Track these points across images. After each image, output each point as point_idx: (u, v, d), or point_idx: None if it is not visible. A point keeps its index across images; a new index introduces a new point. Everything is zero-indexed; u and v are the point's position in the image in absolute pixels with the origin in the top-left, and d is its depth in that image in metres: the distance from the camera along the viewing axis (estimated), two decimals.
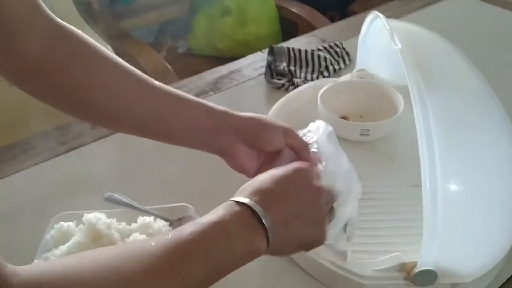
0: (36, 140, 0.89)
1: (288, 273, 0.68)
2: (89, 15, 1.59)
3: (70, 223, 0.68)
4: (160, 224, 0.70)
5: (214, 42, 1.87)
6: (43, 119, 0.95)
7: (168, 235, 0.44)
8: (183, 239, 0.43)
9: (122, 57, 1.33)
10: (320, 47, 1.15)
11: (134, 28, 1.80)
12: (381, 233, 0.71)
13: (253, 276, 0.67)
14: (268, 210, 0.47)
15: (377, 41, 0.94)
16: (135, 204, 0.73)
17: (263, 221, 0.46)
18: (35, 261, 0.64)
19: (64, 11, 1.46)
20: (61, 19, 0.55)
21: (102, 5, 1.73)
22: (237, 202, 0.47)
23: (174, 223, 0.72)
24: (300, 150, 0.59)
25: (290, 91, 0.99)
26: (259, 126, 0.60)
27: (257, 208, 0.46)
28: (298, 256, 0.68)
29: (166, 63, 1.57)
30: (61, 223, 0.68)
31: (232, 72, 1.10)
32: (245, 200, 0.47)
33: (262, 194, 0.48)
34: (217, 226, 0.45)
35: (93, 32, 1.49)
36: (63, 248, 0.64)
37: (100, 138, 0.90)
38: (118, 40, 1.61)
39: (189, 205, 0.73)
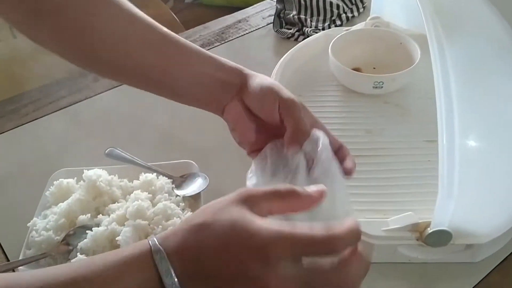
0: (36, 94, 0.87)
1: None
2: None
3: (70, 180, 0.66)
4: (163, 181, 0.68)
5: None
6: (44, 73, 0.92)
7: None
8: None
9: (127, 10, 1.27)
10: None
11: None
12: (393, 191, 0.68)
13: None
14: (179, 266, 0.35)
15: None
16: (137, 160, 0.71)
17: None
18: (35, 218, 0.62)
19: None
20: None
21: None
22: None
23: (177, 180, 0.70)
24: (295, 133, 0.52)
25: (300, 41, 0.94)
26: (265, 96, 0.54)
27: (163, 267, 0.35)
28: None
29: (173, 14, 1.52)
30: (61, 179, 0.66)
31: (239, 21, 1.04)
32: (153, 245, 0.36)
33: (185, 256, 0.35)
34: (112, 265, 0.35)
35: None
36: (63, 205, 0.62)
37: (101, 93, 0.87)
38: None
39: (193, 162, 0.71)
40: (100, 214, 0.63)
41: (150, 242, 0.36)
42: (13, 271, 0.58)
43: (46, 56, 0.81)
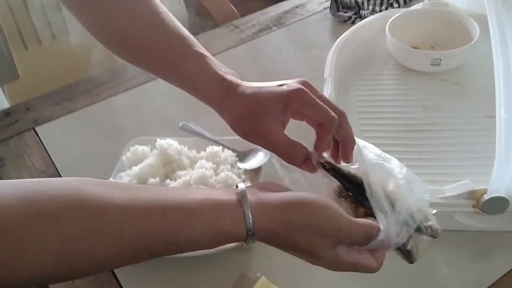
0: (105, 76, 0.93)
1: None
2: None
3: (144, 147, 0.72)
4: (227, 153, 0.72)
5: None
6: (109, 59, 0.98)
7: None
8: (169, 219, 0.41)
9: (187, 2, 1.34)
10: None
11: None
12: (451, 163, 0.69)
13: None
14: (258, 227, 0.43)
15: None
16: (206, 133, 0.76)
17: (247, 225, 0.43)
18: (110, 179, 0.68)
19: None
20: None
21: None
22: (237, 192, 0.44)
23: (240, 154, 0.73)
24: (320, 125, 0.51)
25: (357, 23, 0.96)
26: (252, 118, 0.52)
27: (248, 218, 0.43)
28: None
29: (231, 6, 1.57)
30: (136, 146, 0.72)
31: (296, 6, 1.07)
32: (241, 190, 0.44)
33: (269, 206, 0.44)
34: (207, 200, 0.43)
35: None
36: (136, 169, 0.68)
37: None
38: None
39: None
40: (168, 179, 0.68)
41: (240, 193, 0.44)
42: None
43: None
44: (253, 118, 0.52)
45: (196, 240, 0.42)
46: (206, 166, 0.69)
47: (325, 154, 0.54)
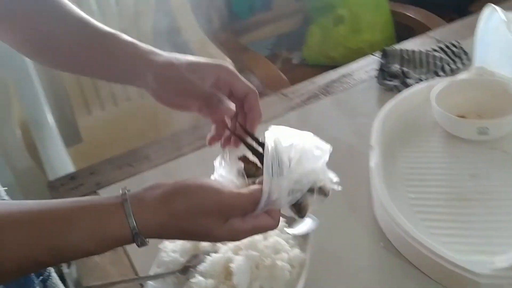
0: (167, 140, 1.00)
1: (409, 277, 0.67)
2: (210, 31, 1.71)
3: None
4: None
5: (327, 51, 1.90)
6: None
7: None
8: (52, 226, 0.44)
9: (240, 69, 1.45)
10: (436, 48, 1.12)
11: (251, 41, 1.90)
12: (500, 233, 0.69)
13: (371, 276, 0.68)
14: (140, 215, 0.46)
15: (496, 36, 0.90)
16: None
17: (129, 223, 0.46)
18: (165, 242, 0.72)
19: (188, 28, 1.60)
20: (185, 35, 0.63)
21: (222, 22, 1.86)
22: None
23: (289, 219, 0.75)
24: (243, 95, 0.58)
25: None
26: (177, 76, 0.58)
27: (128, 213, 0.46)
28: (417, 259, 0.68)
29: (281, 74, 1.64)
30: None
31: (344, 76, 1.12)
32: (127, 195, 0.47)
33: (150, 204, 0.48)
34: (89, 221, 0.45)
35: (214, 46, 1.61)
36: None
37: None
38: (236, 52, 1.71)
39: None
40: (219, 243, 0.71)
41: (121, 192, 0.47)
42: (142, 286, 0.68)
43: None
44: (182, 77, 0.57)
45: (79, 246, 0.44)
46: None
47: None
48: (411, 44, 1.20)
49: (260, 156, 0.55)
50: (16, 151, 1.43)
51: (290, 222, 0.75)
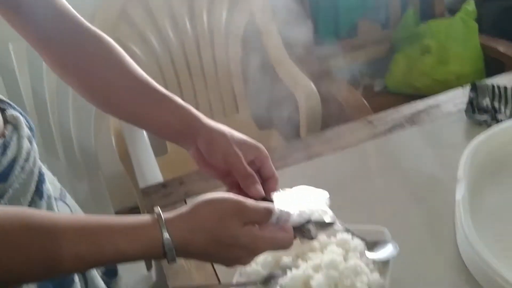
0: None
1: None
2: (295, 55, 1.76)
3: None
4: (357, 242, 0.75)
5: (412, 81, 1.88)
6: None
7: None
8: (94, 226, 0.50)
9: (322, 94, 1.47)
10: None
11: (334, 67, 1.92)
12: None
13: None
14: (173, 230, 0.52)
15: None
16: (337, 221, 0.80)
17: (163, 235, 0.51)
18: None
19: (274, 51, 1.66)
20: (271, 58, 0.71)
21: (307, 46, 1.90)
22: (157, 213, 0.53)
23: (369, 243, 0.76)
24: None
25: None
26: (213, 145, 0.66)
27: (162, 224, 0.51)
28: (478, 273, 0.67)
29: (364, 100, 1.65)
30: None
31: (430, 107, 1.11)
32: (160, 212, 0.53)
33: (178, 215, 0.53)
34: (125, 225, 0.51)
35: (298, 70, 1.65)
36: None
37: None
38: (320, 78, 1.74)
39: (385, 229, 0.77)
40: (300, 259, 0.74)
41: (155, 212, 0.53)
42: None
43: None
44: (227, 146, 0.66)
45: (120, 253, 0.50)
46: (337, 252, 0.73)
47: None
48: (503, 80, 1.17)
49: None
50: (109, 158, 1.54)
51: (371, 247, 0.76)
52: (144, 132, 1.39)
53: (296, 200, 0.66)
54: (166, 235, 0.51)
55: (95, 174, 1.44)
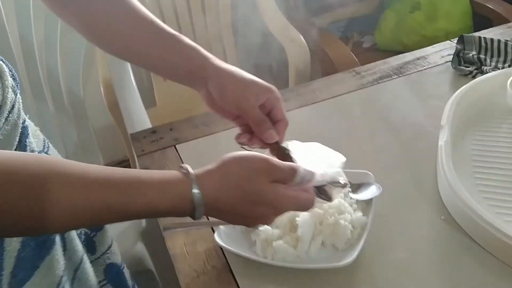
0: None
1: (468, 251, 0.69)
2: (287, 10, 1.75)
3: None
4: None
5: (400, 38, 1.89)
6: None
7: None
8: (124, 177, 0.49)
9: (313, 48, 1.48)
10: None
11: (324, 22, 1.92)
12: None
13: (432, 253, 0.70)
14: (203, 185, 0.51)
15: None
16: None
17: (192, 190, 0.51)
18: None
19: (268, 9, 1.64)
20: (265, 17, 0.69)
21: (298, 2, 1.89)
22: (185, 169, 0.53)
23: (353, 185, 0.79)
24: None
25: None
26: (227, 87, 0.66)
27: (192, 179, 0.51)
28: (477, 233, 0.70)
29: (352, 55, 1.66)
30: None
31: (418, 58, 1.13)
32: (189, 168, 0.53)
33: (207, 171, 0.53)
34: (156, 179, 0.50)
35: (290, 25, 1.64)
36: None
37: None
38: (310, 33, 1.74)
39: (369, 173, 0.79)
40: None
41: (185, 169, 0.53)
42: (213, 230, 0.74)
43: None
44: (240, 90, 0.66)
45: (142, 205, 0.49)
46: None
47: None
48: (490, 34, 1.18)
49: (288, 158, 0.66)
50: (98, 110, 1.54)
51: (356, 189, 0.79)
52: (134, 82, 1.38)
53: (315, 159, 0.66)
54: (196, 190, 0.51)
55: (83, 123, 1.45)
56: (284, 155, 0.66)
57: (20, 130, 0.58)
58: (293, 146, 0.67)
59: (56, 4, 0.69)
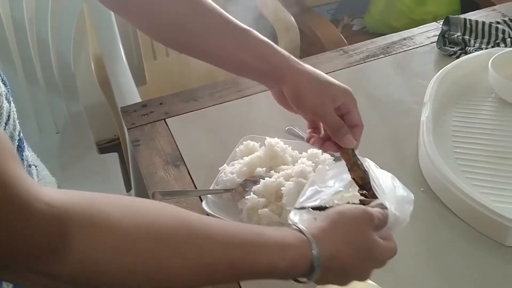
0: (228, 84, 1.07)
1: (443, 219, 0.72)
2: None
3: (255, 143, 0.83)
4: (326, 156, 0.81)
5: (389, 21, 1.91)
6: None
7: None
8: (247, 236, 0.47)
9: (304, 30, 1.47)
10: (499, 20, 1.14)
11: (315, 4, 1.93)
12: None
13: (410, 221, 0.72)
14: (320, 245, 0.49)
15: None
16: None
17: (312, 251, 0.49)
18: (225, 165, 0.80)
19: None
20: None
21: None
22: (299, 229, 0.51)
23: (337, 158, 0.82)
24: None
25: None
26: (302, 90, 0.63)
27: (311, 240, 0.49)
28: (454, 204, 0.73)
29: (342, 36, 1.67)
30: (248, 141, 0.83)
31: (404, 39, 1.15)
32: (304, 230, 0.51)
33: (321, 230, 0.51)
34: (278, 240, 0.49)
35: (280, 5, 1.65)
36: (247, 158, 0.79)
37: None
38: (300, 14, 1.75)
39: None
40: (272, 171, 0.79)
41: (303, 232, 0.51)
42: (201, 199, 0.76)
43: None
44: (316, 93, 0.63)
45: (263, 267, 0.48)
46: (307, 163, 0.78)
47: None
48: (476, 16, 1.21)
49: (365, 176, 0.62)
50: (88, 85, 1.55)
51: (337, 159, 0.81)
52: (124, 59, 1.39)
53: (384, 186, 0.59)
54: (315, 251, 0.49)
55: (74, 100, 1.46)
56: (357, 165, 0.63)
57: (17, 143, 0.55)
58: (365, 163, 0.63)
59: (119, 5, 0.67)
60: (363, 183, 0.61)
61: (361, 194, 0.61)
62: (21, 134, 0.56)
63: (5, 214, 0.35)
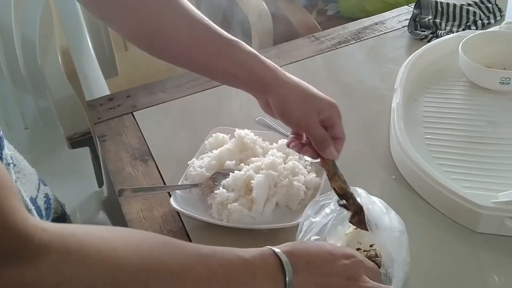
0: (194, 74, 1.04)
1: (415, 206, 0.72)
2: None
3: (225, 135, 0.81)
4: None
5: (363, 4, 1.89)
6: None
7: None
8: (214, 260, 0.48)
9: (276, 15, 1.45)
10: (471, 2, 1.13)
11: None
12: (508, 175, 0.72)
13: None
14: (296, 271, 0.51)
15: None
16: (279, 128, 0.84)
17: (286, 275, 0.50)
18: (194, 159, 0.78)
19: None
20: None
21: None
22: (273, 251, 0.52)
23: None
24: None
25: None
26: (286, 104, 0.63)
27: (286, 264, 0.51)
28: (425, 191, 0.72)
29: (316, 23, 1.65)
30: (218, 133, 0.81)
31: (376, 23, 1.14)
32: (279, 252, 0.52)
33: (297, 256, 0.52)
34: (246, 263, 0.50)
35: None
36: (216, 151, 0.77)
37: None
38: (274, 0, 1.72)
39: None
40: (242, 163, 0.77)
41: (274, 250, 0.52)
42: (170, 194, 0.74)
43: None
44: (302, 106, 0.64)
45: None
46: (277, 155, 0.77)
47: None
48: None
49: (345, 186, 0.62)
50: (56, 78, 1.50)
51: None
52: (92, 51, 1.35)
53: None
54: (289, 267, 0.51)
55: (42, 94, 1.41)
56: (337, 175, 0.63)
57: None
58: (356, 192, 0.62)
59: (102, 11, 0.65)
60: (343, 192, 0.62)
61: (341, 205, 0.61)
62: (1, 132, 0.55)
63: None
